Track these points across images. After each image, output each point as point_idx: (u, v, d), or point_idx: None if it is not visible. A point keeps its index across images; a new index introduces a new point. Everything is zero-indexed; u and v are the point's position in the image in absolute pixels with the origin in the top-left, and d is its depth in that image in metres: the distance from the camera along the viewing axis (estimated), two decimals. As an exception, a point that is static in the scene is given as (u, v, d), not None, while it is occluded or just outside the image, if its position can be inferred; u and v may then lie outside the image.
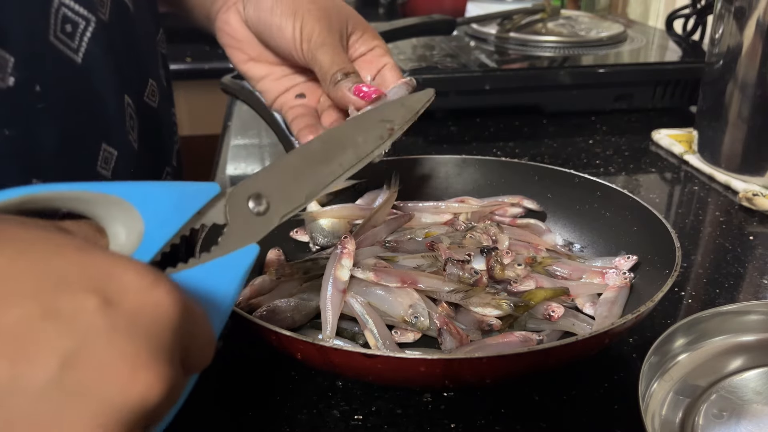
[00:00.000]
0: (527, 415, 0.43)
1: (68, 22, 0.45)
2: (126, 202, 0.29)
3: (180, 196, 0.31)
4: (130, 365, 0.22)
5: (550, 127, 0.96)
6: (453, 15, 1.10)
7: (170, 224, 0.30)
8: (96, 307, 0.22)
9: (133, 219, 0.29)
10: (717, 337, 0.47)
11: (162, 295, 0.24)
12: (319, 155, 0.37)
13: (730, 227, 0.69)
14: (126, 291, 0.23)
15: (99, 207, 0.29)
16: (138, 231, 0.29)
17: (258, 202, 0.34)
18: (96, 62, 0.48)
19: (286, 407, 0.44)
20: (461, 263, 0.51)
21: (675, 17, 1.14)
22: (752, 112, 0.73)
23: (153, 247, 0.29)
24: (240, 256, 0.32)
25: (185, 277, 0.30)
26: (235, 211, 0.33)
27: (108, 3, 0.50)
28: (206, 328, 0.27)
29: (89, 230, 0.29)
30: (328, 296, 0.48)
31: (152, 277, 0.24)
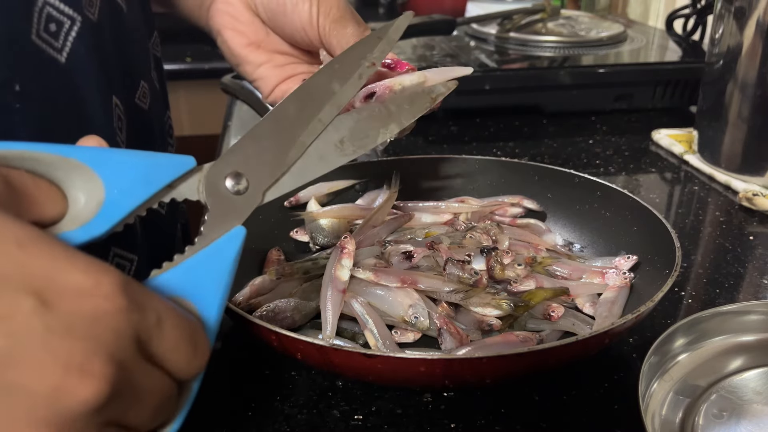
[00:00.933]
0: (527, 415, 0.43)
1: (52, 21, 0.45)
2: (87, 167, 0.28)
3: (149, 167, 0.29)
4: (62, 366, 0.22)
5: (550, 127, 0.96)
6: (453, 15, 1.10)
7: (135, 195, 0.29)
8: (32, 308, 0.22)
9: (94, 185, 0.28)
10: (717, 337, 0.47)
11: (103, 296, 0.23)
12: (293, 116, 0.34)
13: (730, 227, 0.69)
14: (65, 292, 0.23)
15: (58, 170, 0.28)
16: (98, 198, 0.28)
17: (237, 180, 0.32)
18: (80, 62, 0.47)
19: (286, 407, 0.44)
20: (461, 263, 0.51)
21: (675, 17, 1.14)
22: (752, 112, 0.73)
23: (113, 216, 0.28)
24: (226, 242, 0.31)
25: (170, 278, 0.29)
26: (213, 192, 0.31)
27: (97, 3, 0.49)
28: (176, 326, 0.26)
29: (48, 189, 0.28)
30: (328, 296, 0.48)
31: (95, 278, 0.23)
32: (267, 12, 0.54)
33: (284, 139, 0.33)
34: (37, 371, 0.22)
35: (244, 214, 0.32)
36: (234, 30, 0.56)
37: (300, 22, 0.51)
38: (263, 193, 0.33)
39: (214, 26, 0.57)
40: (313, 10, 0.50)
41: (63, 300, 0.22)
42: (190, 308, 0.29)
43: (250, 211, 0.32)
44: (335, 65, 0.37)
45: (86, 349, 0.22)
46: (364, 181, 0.66)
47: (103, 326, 0.23)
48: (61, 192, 0.28)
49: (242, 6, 0.55)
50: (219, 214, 0.31)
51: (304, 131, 0.34)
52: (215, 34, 0.57)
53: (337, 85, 0.35)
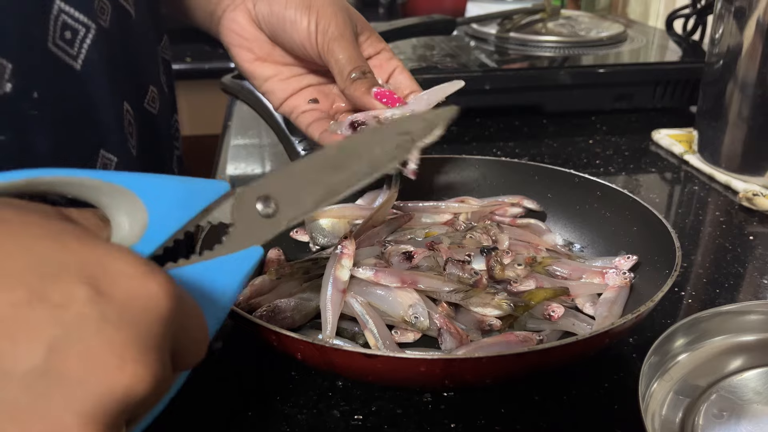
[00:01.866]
0: (527, 415, 0.43)
1: (68, 29, 0.45)
2: (131, 192, 0.29)
3: (187, 192, 0.30)
4: (117, 356, 0.22)
5: (550, 127, 0.96)
6: (453, 15, 1.10)
7: (174, 219, 0.30)
8: (87, 296, 0.22)
9: (137, 210, 0.29)
10: (717, 337, 0.47)
11: (155, 287, 0.23)
12: (333, 162, 0.36)
13: (730, 227, 0.69)
14: (118, 281, 0.23)
15: (103, 195, 0.29)
16: (141, 223, 0.29)
17: (266, 204, 0.33)
18: (95, 69, 0.47)
19: (286, 407, 0.44)
20: (461, 263, 0.51)
21: (675, 17, 1.14)
22: (752, 112, 0.73)
23: (156, 240, 0.29)
24: (243, 257, 0.32)
25: (184, 272, 0.30)
26: (242, 212, 0.33)
27: (108, 10, 0.49)
28: (200, 324, 0.27)
29: (93, 219, 0.29)
30: (328, 296, 0.48)
31: (145, 269, 0.24)
32: (268, 27, 0.55)
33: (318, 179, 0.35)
34: (91, 361, 0.22)
35: (266, 236, 0.33)
36: (240, 47, 0.57)
37: (299, 38, 0.52)
38: (288, 221, 0.34)
39: (224, 42, 0.58)
40: (311, 27, 0.51)
41: (117, 289, 0.23)
42: None
43: (272, 236, 0.34)
44: (381, 131, 0.39)
45: (139, 339, 0.22)
46: (364, 181, 0.66)
47: (154, 316, 0.23)
48: (106, 218, 0.29)
49: (247, 22, 0.56)
50: (243, 231, 0.32)
51: (337, 178, 0.36)
52: (226, 49, 0.59)
53: (378, 149, 0.38)
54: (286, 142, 0.69)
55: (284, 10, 0.52)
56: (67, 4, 0.45)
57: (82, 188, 0.28)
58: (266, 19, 0.54)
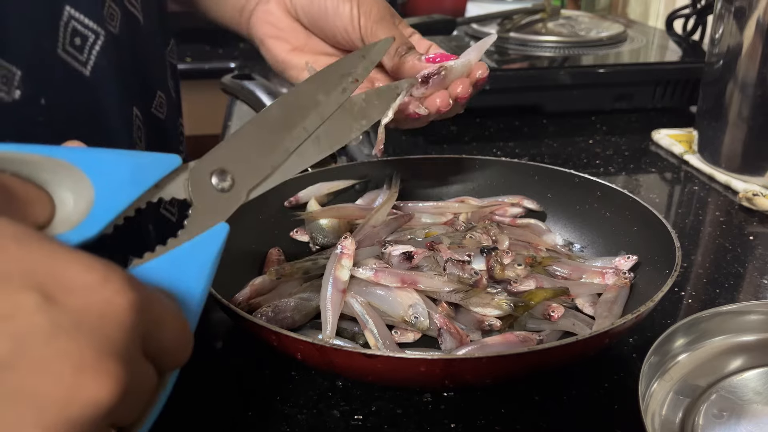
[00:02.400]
0: (527, 415, 0.43)
1: (77, 36, 0.45)
2: (75, 167, 0.27)
3: (136, 167, 0.29)
4: (73, 366, 0.21)
5: (550, 127, 0.96)
6: (453, 15, 1.10)
7: (124, 195, 0.29)
8: (36, 305, 0.21)
9: (83, 186, 0.28)
10: (717, 337, 0.47)
11: (112, 291, 0.22)
12: (279, 121, 0.35)
13: (730, 227, 0.69)
14: (71, 288, 0.22)
15: (46, 172, 0.27)
16: (87, 199, 0.28)
17: (222, 177, 0.32)
18: (104, 75, 0.47)
19: (286, 407, 0.44)
20: (461, 263, 0.51)
21: (675, 17, 1.14)
22: (752, 112, 0.73)
23: (104, 218, 0.28)
24: (209, 237, 0.31)
25: (151, 267, 0.29)
26: (199, 189, 0.32)
27: (118, 16, 0.49)
28: (177, 323, 0.26)
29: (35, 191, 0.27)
30: (328, 296, 0.48)
31: (100, 274, 0.22)
32: (308, 17, 0.55)
33: (270, 141, 0.34)
34: (46, 374, 0.20)
35: (228, 211, 0.33)
36: (276, 38, 0.57)
37: (342, 24, 0.53)
38: (248, 192, 0.33)
39: (256, 35, 0.58)
40: (354, 11, 0.52)
41: (70, 295, 0.21)
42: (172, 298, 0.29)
43: (234, 209, 0.33)
44: (321, 78, 0.38)
45: (97, 347, 0.21)
46: (364, 181, 0.66)
47: (113, 322, 0.22)
48: (48, 194, 0.28)
49: (282, 13, 0.57)
50: (203, 210, 0.32)
51: (289, 136, 0.35)
52: (258, 42, 0.59)
53: (322, 96, 0.37)
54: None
55: None
56: (77, 10, 0.45)
57: (23, 164, 0.27)
58: (306, 8, 0.55)
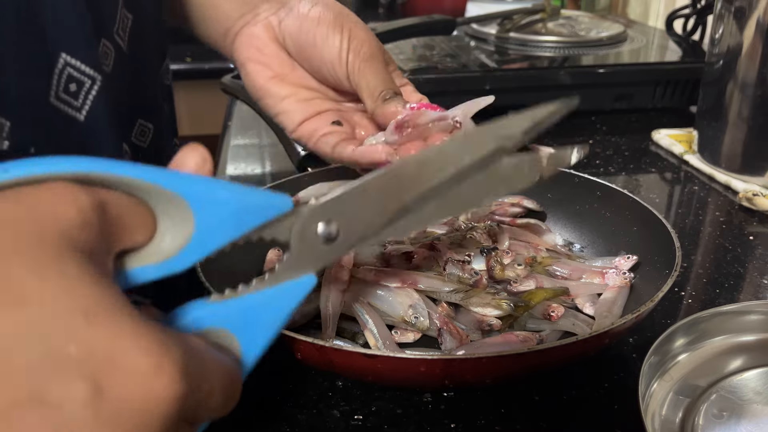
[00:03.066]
0: (527, 415, 0.43)
1: (73, 82, 0.43)
2: (183, 199, 0.26)
3: (243, 206, 0.27)
4: None
5: (551, 127, 0.96)
6: (453, 15, 1.10)
7: (224, 234, 0.27)
8: (85, 396, 0.21)
9: (185, 221, 0.27)
10: (717, 337, 0.47)
11: (161, 384, 0.22)
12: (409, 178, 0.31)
13: (730, 227, 0.69)
14: (122, 378, 0.21)
15: (153, 197, 0.26)
16: (185, 235, 0.27)
17: (329, 227, 0.30)
18: (100, 118, 0.46)
19: (286, 407, 0.44)
20: (461, 263, 0.51)
21: (675, 17, 1.14)
22: (752, 112, 0.73)
23: (195, 255, 0.27)
24: (295, 288, 0.29)
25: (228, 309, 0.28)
26: (302, 235, 0.29)
27: (112, 54, 0.48)
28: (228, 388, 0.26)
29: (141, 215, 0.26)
30: (328, 296, 0.48)
31: (157, 359, 0.22)
32: (295, 45, 0.53)
33: (391, 198, 0.31)
34: None
35: (322, 263, 0.30)
36: (258, 63, 0.54)
37: (329, 57, 0.50)
38: (350, 247, 0.31)
39: (239, 58, 0.56)
40: (343, 44, 0.49)
41: (118, 385, 0.21)
42: (234, 346, 0.28)
43: (329, 262, 0.31)
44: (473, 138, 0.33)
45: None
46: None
47: (154, 414, 0.22)
48: (154, 219, 0.27)
49: (268, 38, 0.54)
50: (299, 258, 0.29)
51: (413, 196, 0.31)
52: (239, 65, 0.56)
53: (467, 158, 0.32)
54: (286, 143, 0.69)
55: (315, 27, 0.50)
56: (74, 57, 0.43)
57: (133, 188, 0.26)
58: (294, 35, 0.52)
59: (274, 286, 0.29)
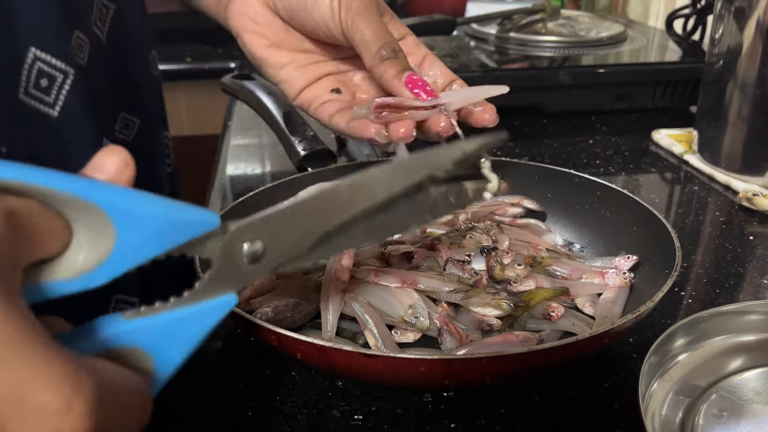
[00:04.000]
0: (527, 415, 0.43)
1: (44, 77, 0.42)
2: (104, 213, 0.25)
3: (169, 223, 0.26)
4: None
5: (550, 127, 0.96)
6: (453, 15, 1.10)
7: (146, 251, 0.26)
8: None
9: (105, 232, 0.25)
10: (717, 337, 0.47)
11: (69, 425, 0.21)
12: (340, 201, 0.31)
13: (730, 227, 0.69)
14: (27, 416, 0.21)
15: (70, 207, 0.25)
16: (106, 247, 0.25)
17: (255, 249, 0.29)
18: (74, 113, 0.44)
19: (286, 407, 0.44)
20: (461, 263, 0.51)
21: (675, 17, 1.14)
22: (752, 112, 0.73)
23: (116, 269, 0.26)
24: (214, 307, 0.28)
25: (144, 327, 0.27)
26: (227, 254, 0.29)
27: (86, 46, 0.46)
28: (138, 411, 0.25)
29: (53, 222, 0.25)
30: (328, 296, 0.48)
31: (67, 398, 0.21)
32: (287, 9, 0.52)
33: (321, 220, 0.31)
34: None
35: (245, 282, 0.30)
36: (253, 32, 0.53)
37: (322, 17, 0.49)
38: (274, 268, 0.30)
39: (233, 28, 0.55)
40: (333, 2, 0.48)
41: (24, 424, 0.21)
42: (147, 365, 0.27)
43: (252, 282, 0.31)
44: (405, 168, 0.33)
45: None
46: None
47: None
48: (69, 230, 0.25)
49: (260, 5, 0.53)
50: (222, 276, 0.29)
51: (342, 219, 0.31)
52: (235, 35, 0.55)
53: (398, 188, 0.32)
54: (286, 142, 0.69)
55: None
56: (44, 51, 0.42)
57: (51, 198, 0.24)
58: (285, 0, 0.51)
59: (194, 304, 0.28)
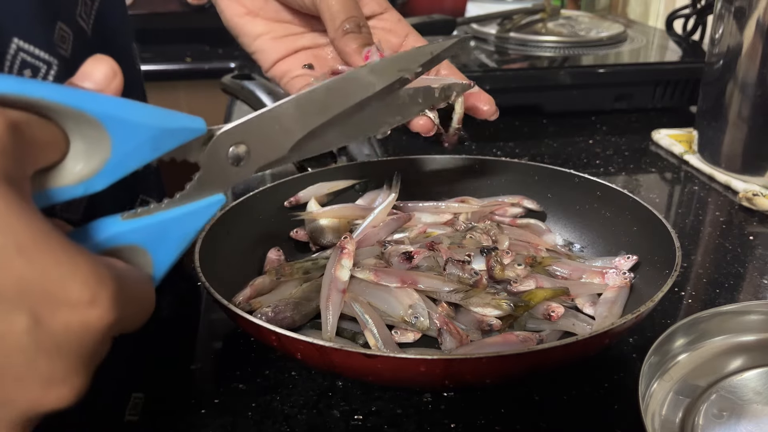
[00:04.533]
0: (527, 415, 0.43)
1: (27, 68, 0.42)
2: (99, 122, 0.27)
3: (161, 130, 0.28)
4: (45, 383, 0.23)
5: (550, 127, 0.96)
6: (453, 15, 1.10)
7: (140, 156, 0.28)
8: (25, 327, 0.22)
9: (101, 143, 0.27)
10: (717, 337, 0.47)
11: (97, 315, 0.23)
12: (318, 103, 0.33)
13: (730, 227, 0.69)
14: (60, 306, 0.23)
15: (67, 118, 0.27)
16: (103, 154, 0.27)
17: (239, 151, 0.32)
18: None
19: (286, 407, 0.44)
20: (461, 263, 0.51)
21: (675, 17, 1.14)
22: (752, 112, 0.73)
23: (112, 176, 0.28)
24: (205, 207, 0.31)
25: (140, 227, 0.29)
26: (213, 158, 0.31)
27: (70, 37, 0.46)
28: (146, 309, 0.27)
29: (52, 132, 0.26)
30: (328, 296, 0.48)
31: (93, 291, 0.23)
32: None
33: (300, 122, 0.33)
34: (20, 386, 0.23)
35: (232, 183, 0.32)
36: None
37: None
38: (258, 169, 0.33)
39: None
40: None
41: (56, 316, 0.23)
42: (146, 261, 0.30)
43: (238, 182, 0.33)
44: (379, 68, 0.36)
45: (68, 365, 0.23)
46: (364, 181, 0.66)
47: (89, 340, 0.24)
48: (66, 139, 0.27)
49: None
50: (209, 178, 0.31)
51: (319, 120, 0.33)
52: (214, 2, 0.54)
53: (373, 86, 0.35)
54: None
55: None
56: (26, 41, 0.42)
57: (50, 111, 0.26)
58: None
59: (185, 204, 0.30)
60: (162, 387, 0.47)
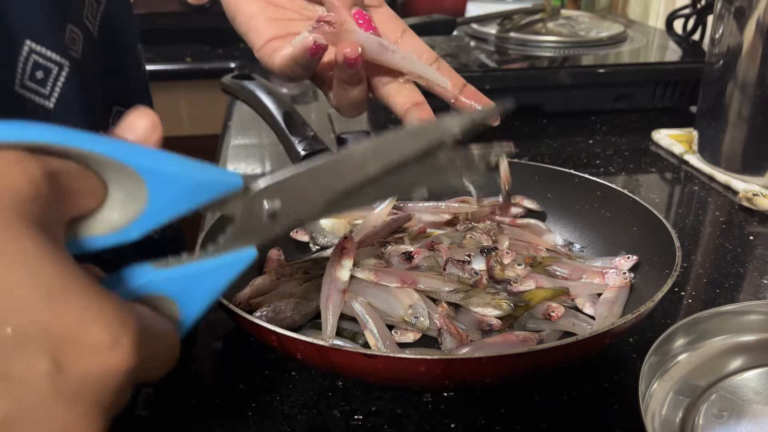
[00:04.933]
0: (527, 415, 0.43)
1: (39, 69, 0.43)
2: (139, 177, 0.27)
3: (196, 183, 0.29)
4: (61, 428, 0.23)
5: (550, 127, 0.96)
6: (453, 15, 1.10)
7: (175, 209, 0.28)
8: (45, 371, 0.22)
9: (138, 191, 0.27)
10: (717, 337, 0.47)
11: (118, 359, 0.23)
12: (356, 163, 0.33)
13: (730, 227, 0.69)
14: (81, 352, 0.23)
15: (106, 168, 0.27)
16: (139, 205, 0.28)
17: (275, 206, 0.32)
18: (71, 105, 0.45)
19: (286, 407, 0.44)
20: (461, 263, 0.51)
21: (675, 17, 1.14)
22: (752, 112, 0.73)
23: (145, 227, 0.28)
24: (236, 259, 0.31)
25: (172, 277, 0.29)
26: (249, 213, 0.31)
27: (80, 39, 0.47)
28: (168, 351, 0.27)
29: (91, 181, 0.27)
30: (328, 296, 0.48)
31: (114, 335, 0.23)
32: None
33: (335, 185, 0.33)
34: None
35: (264, 237, 0.32)
36: None
37: None
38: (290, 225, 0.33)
39: None
40: None
41: (77, 360, 0.23)
42: (174, 312, 0.29)
43: (270, 237, 0.32)
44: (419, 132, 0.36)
45: (87, 411, 0.23)
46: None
47: (109, 385, 0.23)
48: (105, 188, 0.27)
49: None
50: (243, 232, 0.31)
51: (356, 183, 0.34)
52: None
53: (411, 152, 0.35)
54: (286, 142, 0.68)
55: None
56: (39, 43, 0.42)
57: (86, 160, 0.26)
58: None
59: (217, 257, 0.30)
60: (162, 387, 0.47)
